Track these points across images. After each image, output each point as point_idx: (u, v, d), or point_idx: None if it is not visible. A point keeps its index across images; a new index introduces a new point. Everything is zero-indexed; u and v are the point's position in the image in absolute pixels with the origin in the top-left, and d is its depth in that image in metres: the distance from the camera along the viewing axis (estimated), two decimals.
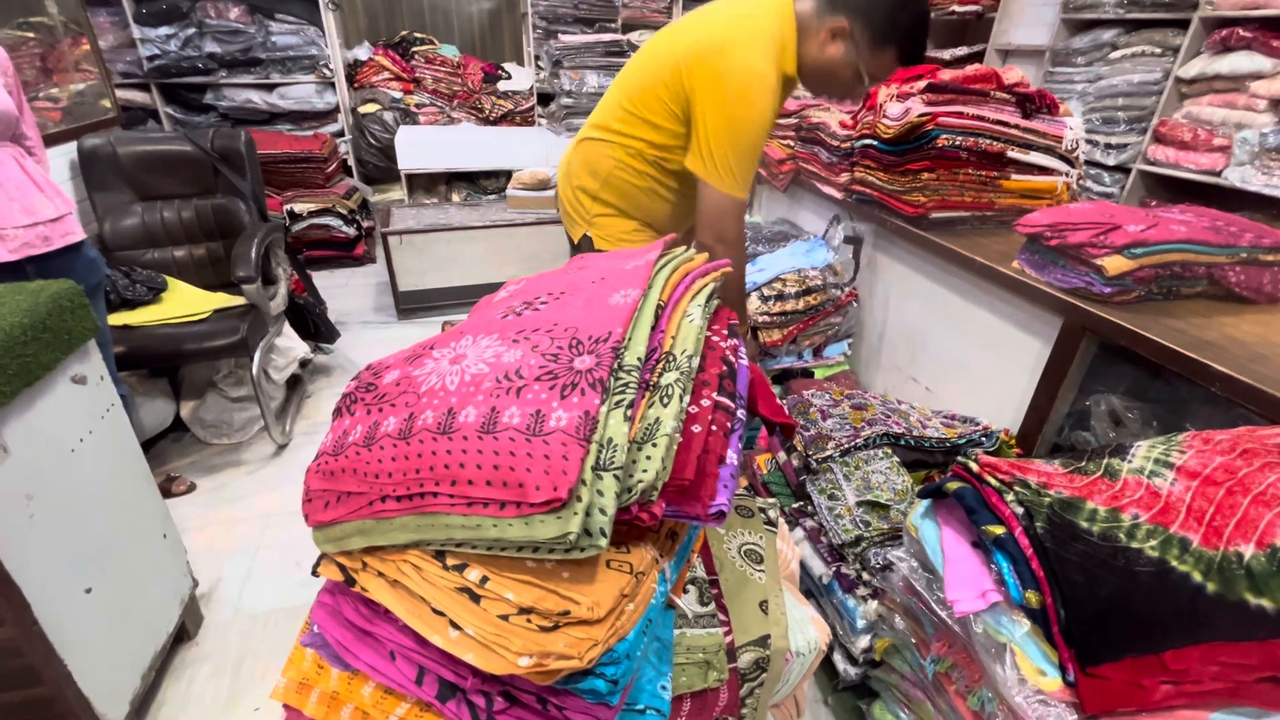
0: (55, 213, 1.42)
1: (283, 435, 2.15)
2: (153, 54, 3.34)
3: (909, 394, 1.78)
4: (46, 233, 1.39)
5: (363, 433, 0.53)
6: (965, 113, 1.61)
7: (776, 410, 0.71)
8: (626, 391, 0.48)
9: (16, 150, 1.39)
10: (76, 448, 1.15)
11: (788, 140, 2.37)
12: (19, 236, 1.33)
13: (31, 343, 1.04)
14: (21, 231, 1.34)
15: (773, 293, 1.90)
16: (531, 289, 0.64)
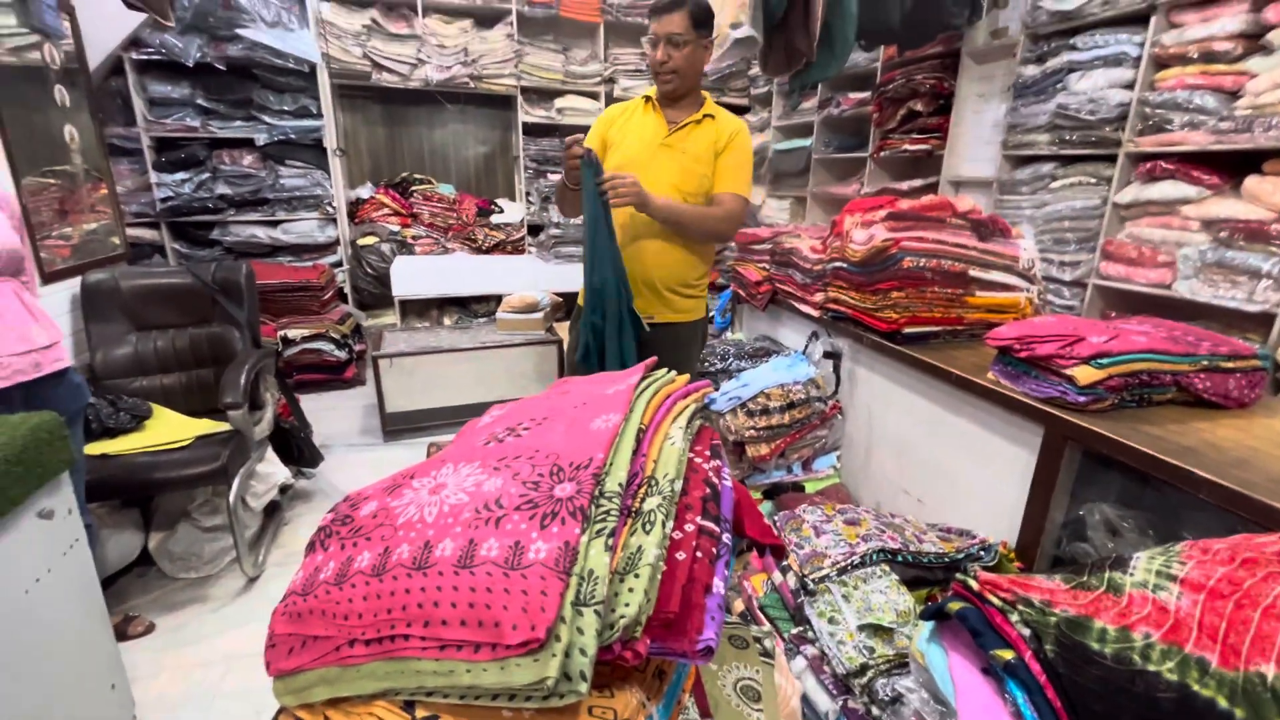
0: (48, 340, 1.45)
1: (255, 567, 2.04)
2: (167, 196, 3.56)
3: (901, 506, 1.75)
4: (38, 359, 1.41)
5: (335, 570, 0.51)
6: (925, 237, 1.73)
7: (765, 530, 0.70)
8: (608, 519, 0.47)
9: (16, 284, 1.45)
10: (31, 588, 1.08)
11: (763, 264, 2.51)
12: (12, 364, 1.35)
13: (3, 477, 1.01)
14: (15, 359, 1.36)
15: (758, 407, 1.92)
16: (515, 415, 0.65)
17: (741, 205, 1.75)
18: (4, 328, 1.35)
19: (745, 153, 1.75)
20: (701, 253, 1.83)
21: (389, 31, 3.76)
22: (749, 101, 4.48)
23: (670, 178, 1.68)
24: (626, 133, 1.76)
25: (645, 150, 1.70)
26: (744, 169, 1.74)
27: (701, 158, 1.70)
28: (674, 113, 1.74)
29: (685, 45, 1.62)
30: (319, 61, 3.62)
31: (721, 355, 2.29)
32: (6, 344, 1.35)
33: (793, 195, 3.97)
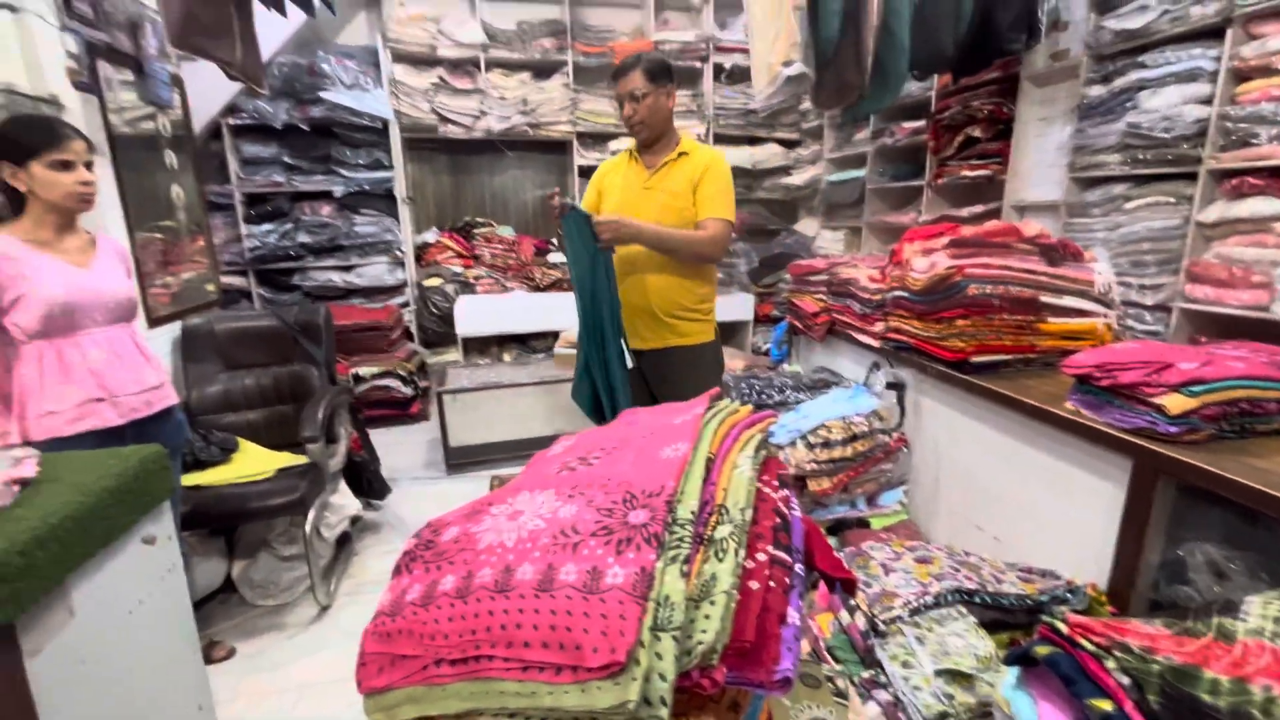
0: (157, 380, 1.59)
1: (327, 596, 2.12)
2: (255, 246, 3.86)
3: (975, 544, 1.66)
4: (150, 398, 1.54)
5: (421, 592, 0.53)
6: (991, 264, 1.69)
7: (835, 564, 0.68)
8: (681, 546, 0.48)
9: (130, 328, 1.59)
10: (134, 609, 1.16)
11: (820, 295, 2.49)
12: (129, 402, 1.49)
13: (116, 505, 1.11)
14: (131, 398, 1.49)
15: (818, 440, 1.88)
16: (584, 445, 0.67)
17: (723, 227, 1.84)
18: (123, 369, 1.49)
19: (722, 179, 1.86)
20: (697, 277, 1.91)
21: (454, 87, 4.01)
22: (800, 135, 4.51)
23: (653, 216, 1.82)
24: (613, 183, 1.95)
25: (630, 195, 1.88)
26: (722, 194, 1.85)
27: (680, 193, 1.84)
28: (651, 157, 1.91)
29: (646, 97, 1.80)
30: (391, 118, 3.89)
31: (779, 387, 2.27)
32: (124, 384, 1.49)
33: (847, 226, 3.94)
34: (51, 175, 1.37)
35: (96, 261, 1.50)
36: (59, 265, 1.42)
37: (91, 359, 1.45)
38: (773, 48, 2.25)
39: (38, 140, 1.36)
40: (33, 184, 1.37)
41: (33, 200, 1.40)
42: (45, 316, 1.38)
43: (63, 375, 1.41)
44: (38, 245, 1.41)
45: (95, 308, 1.46)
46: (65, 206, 1.42)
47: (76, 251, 1.48)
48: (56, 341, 1.42)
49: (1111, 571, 1.28)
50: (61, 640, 0.98)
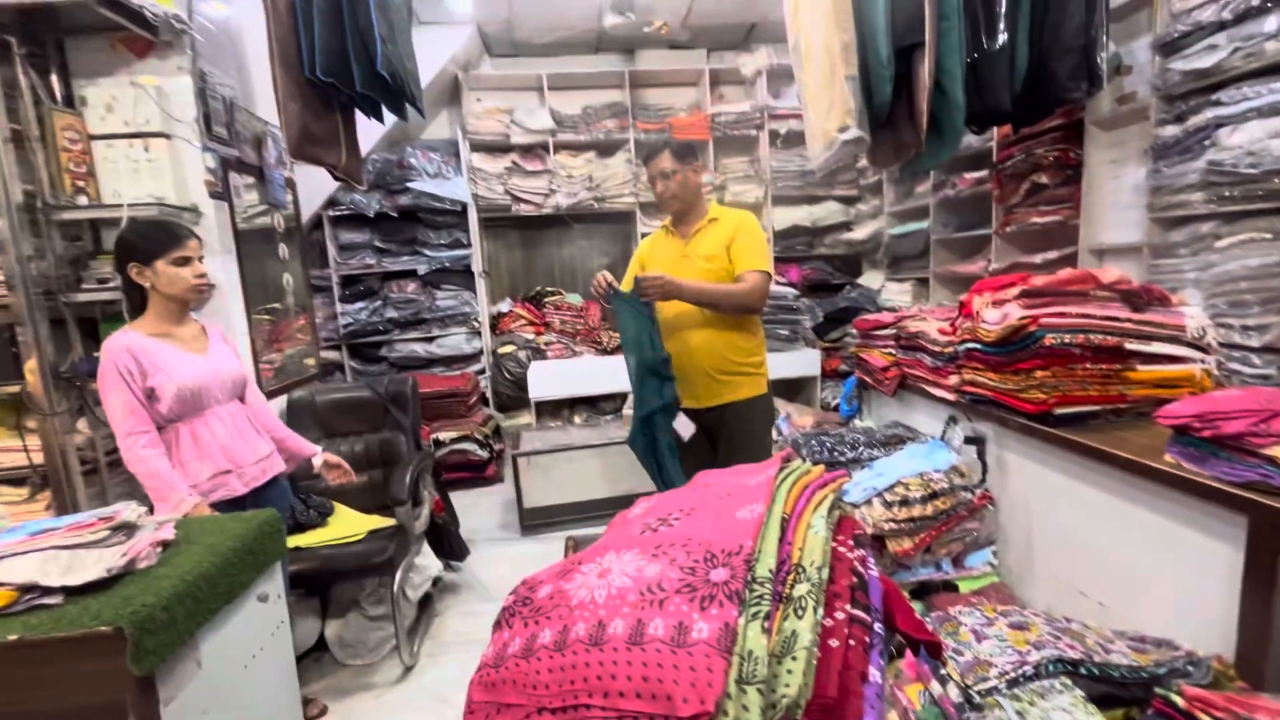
0: (268, 450, 1.75)
1: (411, 656, 2.19)
2: (348, 323, 4.21)
3: (1079, 610, 1.54)
4: (264, 466, 1.70)
5: (521, 645, 0.58)
6: (1068, 312, 1.64)
7: (917, 625, 0.68)
8: (761, 603, 0.51)
9: (241, 404, 1.77)
10: (249, 664, 1.26)
11: (888, 348, 2.46)
12: (250, 472, 1.65)
13: (237, 564, 1.22)
14: (252, 468, 1.66)
15: (896, 498, 1.83)
16: (663, 506, 0.71)
17: (761, 278, 1.97)
18: (242, 442, 1.66)
19: (754, 235, 2.01)
20: (743, 331, 2.01)
21: (525, 169, 4.33)
22: (859, 191, 4.55)
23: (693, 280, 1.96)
24: (654, 257, 2.10)
25: (670, 265, 2.01)
26: (756, 247, 1.99)
27: (715, 255, 1.98)
28: (685, 228, 2.07)
29: (675, 174, 1.98)
30: (469, 201, 4.24)
31: (851, 444, 2.23)
32: (245, 455, 1.65)
33: (913, 277, 3.90)
34: (173, 270, 1.56)
35: (210, 347, 1.69)
36: (182, 354, 1.60)
37: (219, 435, 1.62)
38: (828, 116, 2.34)
39: (162, 241, 1.56)
40: (156, 280, 1.56)
41: (154, 295, 1.58)
42: (178, 400, 1.55)
43: (197, 452, 1.58)
44: (161, 337, 1.59)
45: (217, 388, 1.64)
46: (183, 298, 1.61)
47: (192, 340, 1.66)
48: (190, 422, 1.59)
49: (1238, 641, 1.16)
50: (190, 690, 1.08)
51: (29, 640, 0.94)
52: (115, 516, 1.14)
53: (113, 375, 1.50)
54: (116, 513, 1.15)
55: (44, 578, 1.01)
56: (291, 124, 2.16)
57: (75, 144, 2.02)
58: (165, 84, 2.13)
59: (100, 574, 1.04)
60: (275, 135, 2.72)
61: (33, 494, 1.96)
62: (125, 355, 1.51)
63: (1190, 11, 2.11)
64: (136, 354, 1.53)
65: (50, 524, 1.15)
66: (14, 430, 1.96)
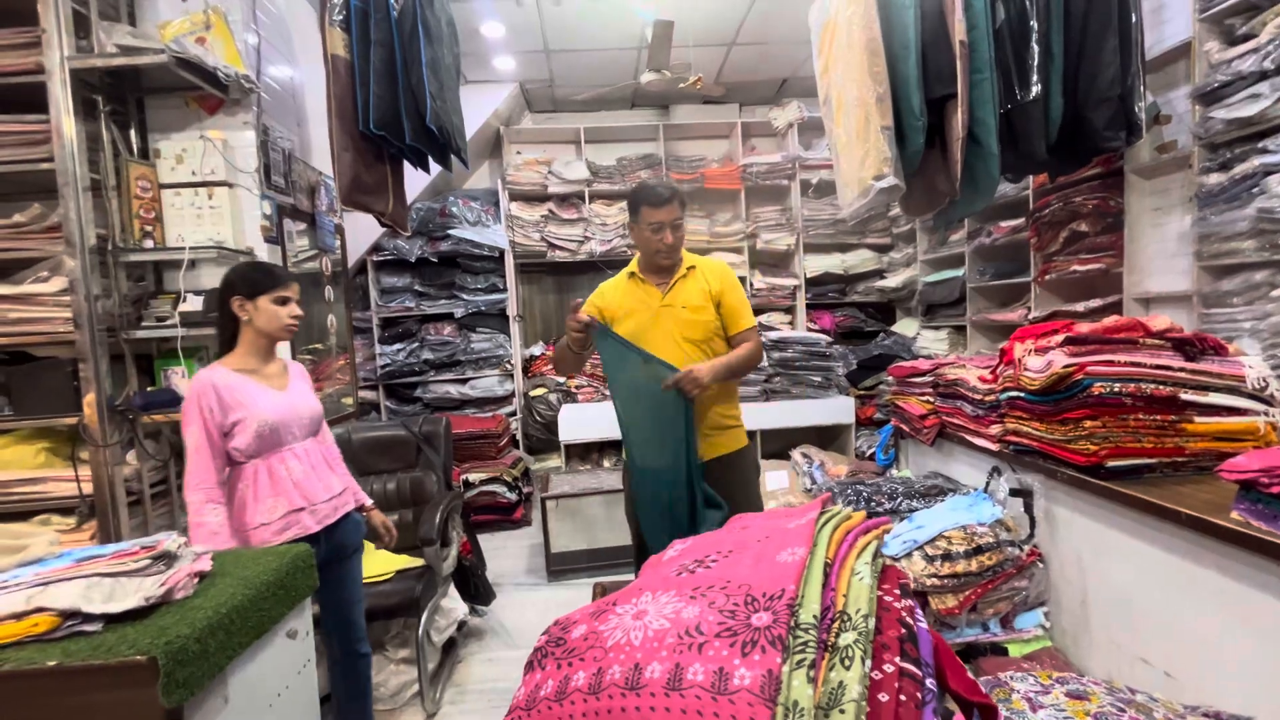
0: (341, 487, 1.76)
1: (433, 704, 2.14)
2: (386, 364, 4.32)
3: (1142, 680, 1.44)
4: (337, 504, 1.71)
5: (554, 687, 0.56)
6: (1117, 360, 1.59)
7: (970, 686, 0.64)
8: (806, 651, 0.48)
9: (319, 441, 1.78)
10: (274, 702, 1.24)
11: (926, 396, 2.41)
12: (322, 510, 1.66)
13: (269, 598, 1.23)
14: (324, 505, 1.67)
15: (938, 552, 1.75)
16: (700, 548, 0.69)
17: (757, 334, 2.00)
18: (317, 479, 1.67)
19: (739, 290, 2.01)
20: (728, 390, 2.00)
21: (561, 218, 4.47)
22: (891, 239, 4.55)
23: (674, 330, 1.92)
24: (623, 305, 1.99)
25: (649, 315, 1.95)
26: (744, 304, 1.99)
27: (699, 306, 1.94)
28: (663, 278, 1.98)
29: (680, 226, 1.92)
30: (506, 247, 4.37)
31: (890, 494, 2.16)
32: (318, 492, 1.66)
33: (949, 325, 3.84)
34: (272, 309, 1.63)
35: (291, 384, 1.72)
36: (264, 390, 1.64)
37: (294, 472, 1.63)
38: (863, 165, 2.36)
39: (268, 281, 1.65)
40: (255, 315, 1.63)
41: (246, 329, 1.64)
42: (258, 436, 1.58)
43: (272, 489, 1.60)
44: (248, 374, 1.64)
45: (295, 425, 1.66)
46: (275, 336, 1.67)
47: (276, 376, 1.70)
48: (268, 459, 1.62)
49: None
50: None
51: (67, 667, 0.95)
52: (157, 546, 1.16)
53: (193, 410, 1.55)
54: (159, 542, 1.18)
55: (86, 604, 1.03)
56: (344, 173, 2.29)
57: (147, 192, 2.17)
58: (231, 137, 2.28)
59: (139, 603, 1.05)
60: (328, 184, 2.87)
61: (80, 523, 2.01)
62: (209, 391, 1.56)
63: (1230, 62, 2.11)
64: (220, 390, 1.57)
65: (95, 551, 1.17)
66: (68, 461, 2.04)
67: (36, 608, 1.02)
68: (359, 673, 1.84)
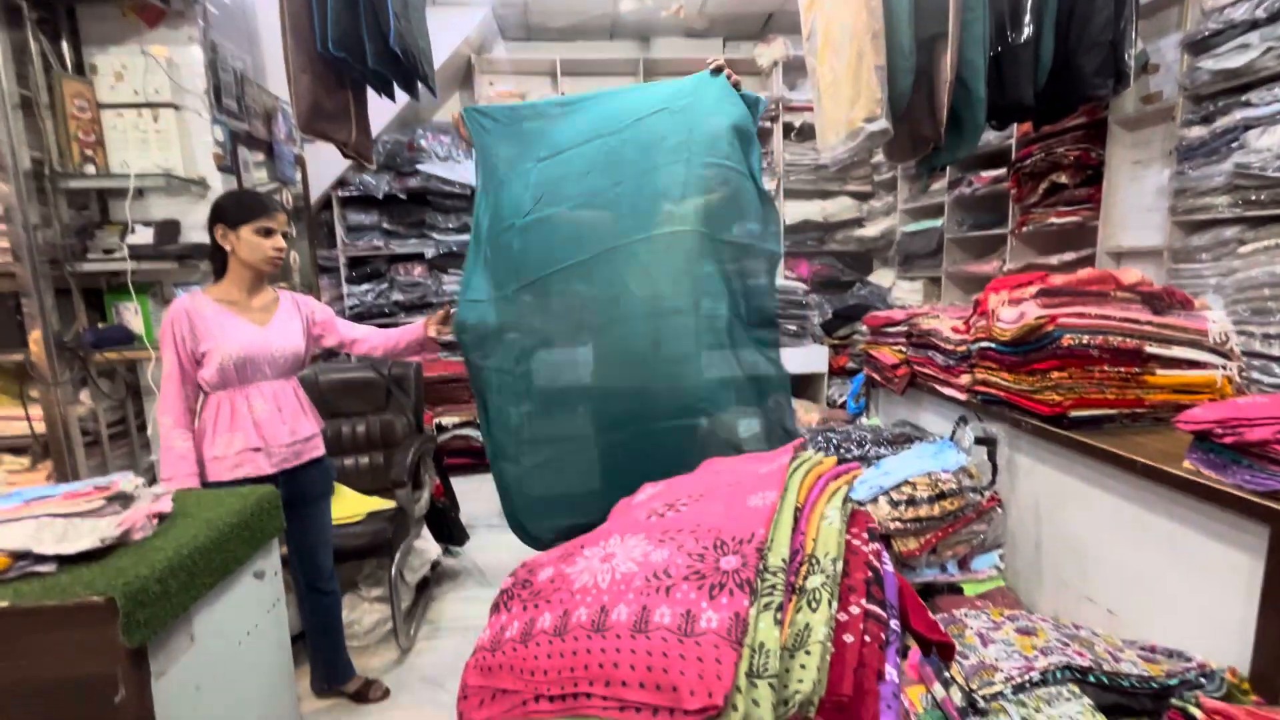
0: (311, 432, 1.71)
1: (407, 639, 2.18)
2: (354, 304, 4.19)
3: (1086, 617, 1.52)
4: (300, 449, 1.67)
5: (519, 629, 0.56)
6: (1087, 313, 1.61)
7: (931, 625, 0.66)
8: (774, 594, 0.48)
9: (294, 382, 1.73)
10: (243, 640, 1.25)
11: (899, 346, 2.43)
12: (280, 453, 1.62)
13: (234, 539, 1.21)
14: (283, 449, 1.63)
15: (902, 497, 1.80)
16: (671, 492, 0.69)
17: None
18: (280, 421, 1.62)
19: None
20: None
21: None
22: (872, 187, 4.50)
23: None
24: None
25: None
26: None
27: None
28: None
29: None
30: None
31: (858, 441, 2.20)
32: (280, 435, 1.62)
33: (925, 276, 3.85)
34: (255, 239, 1.57)
35: (275, 319, 1.66)
36: (240, 323, 1.58)
37: (256, 410, 1.59)
38: (852, 106, 2.29)
39: (253, 209, 1.57)
40: (236, 245, 1.56)
41: (233, 260, 1.59)
42: (220, 370, 1.54)
43: (231, 423, 1.57)
44: (227, 305, 1.59)
45: (265, 362, 1.61)
46: (258, 268, 1.60)
47: (260, 310, 1.64)
48: (231, 393, 1.57)
49: (1254, 654, 1.13)
50: (182, 665, 1.06)
51: (20, 607, 0.92)
52: (112, 487, 1.13)
53: (166, 335, 1.54)
54: (113, 483, 1.14)
55: (38, 545, 1.00)
56: (302, 98, 2.13)
57: (84, 112, 2.00)
58: (176, 54, 2.10)
59: (94, 544, 1.02)
60: (286, 111, 2.69)
61: (34, 463, 1.95)
62: (183, 318, 1.54)
63: (1222, 9, 2.06)
64: (193, 318, 1.55)
65: (46, 491, 1.13)
66: (17, 399, 1.95)
67: None
68: (327, 610, 1.85)
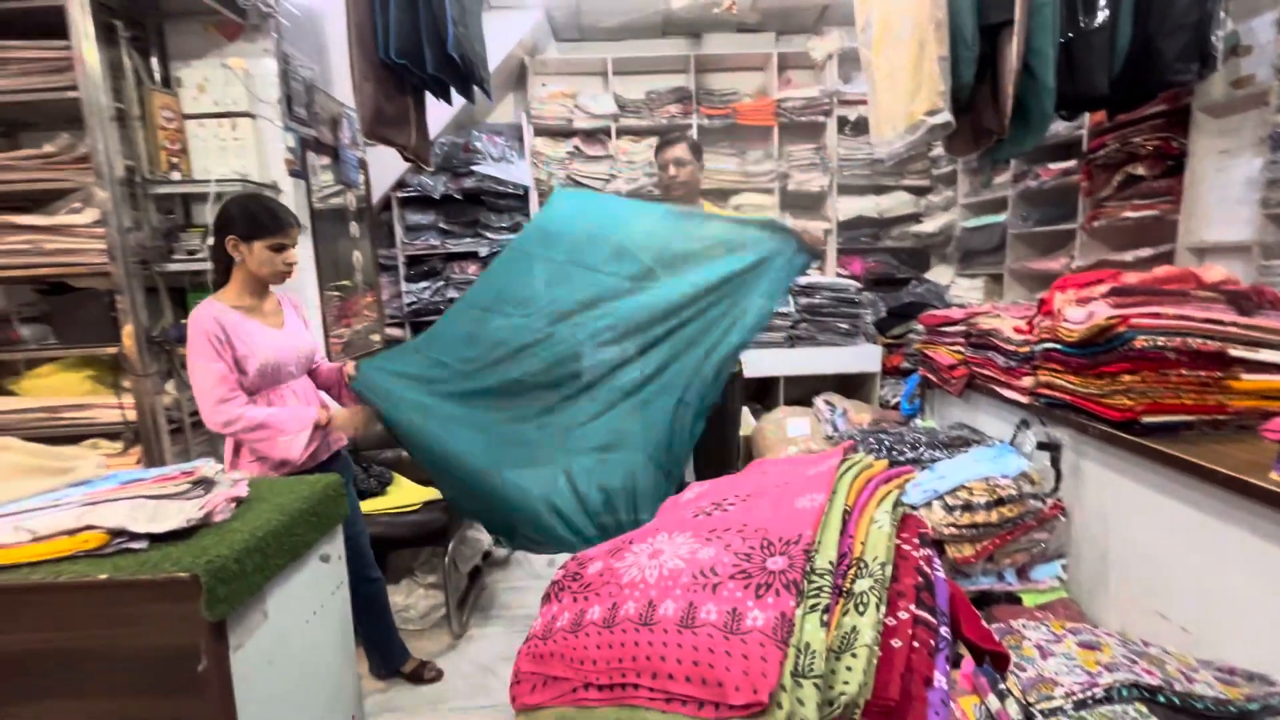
0: None
1: (459, 626, 2.26)
2: (412, 301, 4.35)
3: (1157, 634, 1.44)
4: (330, 440, 1.76)
5: (570, 619, 0.58)
6: (1164, 313, 1.52)
7: (984, 635, 0.64)
8: (820, 596, 0.48)
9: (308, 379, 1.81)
10: (310, 619, 1.32)
11: (957, 346, 2.35)
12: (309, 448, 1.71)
13: (302, 524, 1.28)
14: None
15: (958, 502, 1.75)
16: (718, 491, 0.69)
17: None
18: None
19: None
20: None
21: (587, 154, 4.34)
22: (931, 182, 4.35)
23: None
24: None
25: None
26: None
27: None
28: None
29: (686, 166, 2.16)
30: (530, 185, 4.28)
31: (912, 444, 2.14)
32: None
33: (986, 273, 3.70)
34: (267, 254, 1.61)
35: (286, 321, 1.74)
36: (262, 328, 1.65)
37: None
38: (913, 99, 2.22)
39: (267, 225, 1.60)
40: (249, 257, 1.61)
41: (240, 270, 1.63)
42: (259, 374, 1.61)
43: None
44: (246, 311, 1.64)
45: (292, 363, 1.69)
46: (267, 280, 1.66)
47: (271, 314, 1.71)
48: (266, 395, 1.65)
49: None
50: (257, 640, 1.14)
51: (117, 580, 1.01)
52: (195, 471, 1.21)
53: (202, 342, 1.54)
54: (197, 468, 1.22)
55: (132, 524, 1.08)
56: (366, 104, 2.23)
57: (171, 122, 2.15)
58: (252, 65, 2.23)
59: (180, 524, 1.11)
60: (350, 117, 2.82)
61: (125, 448, 2.11)
62: (214, 324, 1.56)
63: None
64: (224, 324, 1.57)
65: (138, 475, 1.23)
66: (111, 389, 2.12)
67: (87, 525, 1.07)
68: (374, 596, 1.93)
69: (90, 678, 1.05)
